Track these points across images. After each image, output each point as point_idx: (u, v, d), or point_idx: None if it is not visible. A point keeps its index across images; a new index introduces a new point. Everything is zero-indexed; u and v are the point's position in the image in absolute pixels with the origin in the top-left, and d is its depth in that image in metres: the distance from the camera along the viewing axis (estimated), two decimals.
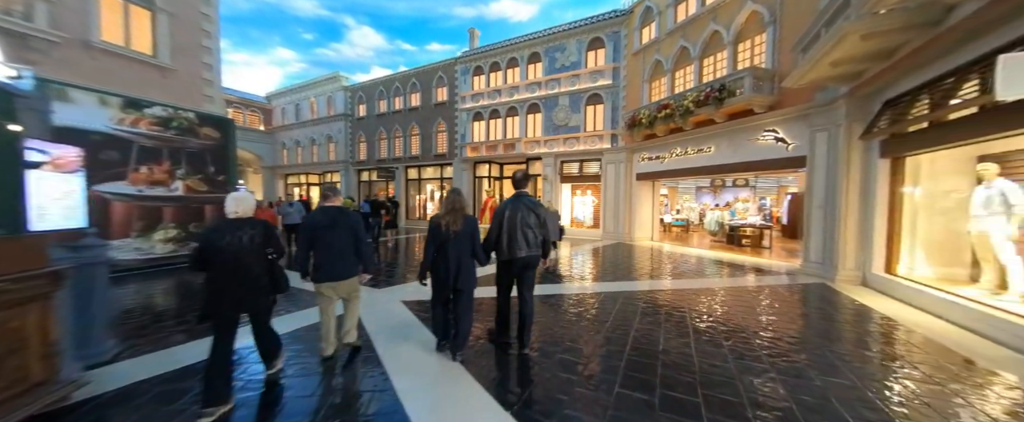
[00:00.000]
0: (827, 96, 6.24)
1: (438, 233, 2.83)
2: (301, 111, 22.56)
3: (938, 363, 3.09)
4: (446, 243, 2.81)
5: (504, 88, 14.59)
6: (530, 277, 3.14)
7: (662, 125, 9.15)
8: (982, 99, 3.71)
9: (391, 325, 3.91)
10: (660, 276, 6.53)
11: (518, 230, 2.98)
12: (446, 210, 2.88)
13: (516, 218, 3.00)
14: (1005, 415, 2.33)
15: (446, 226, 2.81)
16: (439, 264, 2.86)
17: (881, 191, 5.49)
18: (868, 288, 5.55)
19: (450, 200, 2.91)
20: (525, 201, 3.08)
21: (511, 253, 2.99)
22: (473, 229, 2.92)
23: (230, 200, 2.38)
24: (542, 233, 3.09)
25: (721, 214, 11.59)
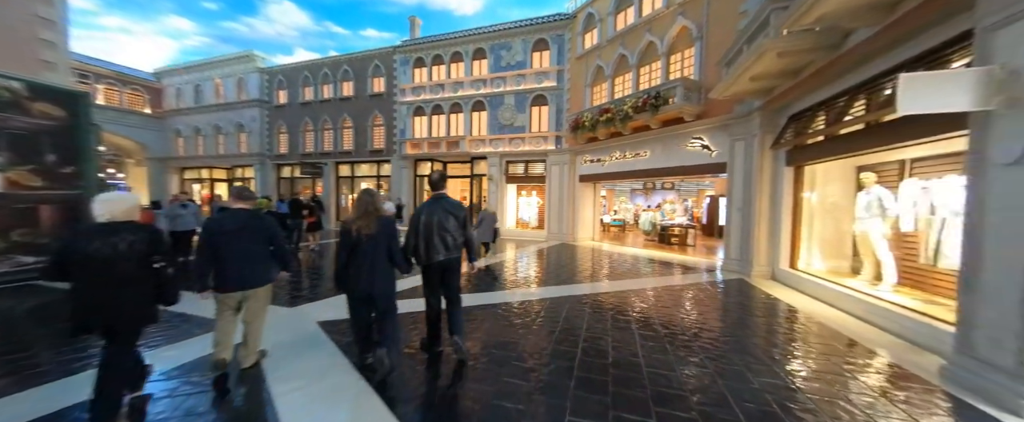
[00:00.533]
0: (744, 109, 6.89)
1: (349, 238, 2.65)
2: (203, 93, 19.09)
3: (829, 344, 3.60)
4: (358, 248, 2.63)
5: (448, 83, 13.91)
6: (452, 280, 3.06)
7: (603, 129, 9.43)
8: (867, 117, 4.28)
9: (297, 349, 3.21)
10: (603, 278, 6.61)
11: (435, 234, 2.90)
12: (358, 213, 2.68)
13: (433, 222, 2.92)
14: (880, 385, 2.81)
15: (358, 230, 2.63)
16: (352, 271, 2.66)
17: (786, 195, 6.19)
18: (776, 282, 6.22)
19: (362, 202, 2.72)
20: (444, 204, 3.00)
21: (428, 257, 2.91)
22: (390, 233, 2.75)
23: (96, 202, 2.12)
24: (464, 235, 3.03)
25: (653, 215, 12.44)
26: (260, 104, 17.57)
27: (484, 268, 7.16)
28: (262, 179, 17.70)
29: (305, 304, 4.65)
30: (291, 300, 4.80)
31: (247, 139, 18.00)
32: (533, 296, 5.22)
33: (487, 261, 7.98)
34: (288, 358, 3.10)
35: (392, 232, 2.78)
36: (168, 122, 20.01)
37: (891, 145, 4.15)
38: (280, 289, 5.30)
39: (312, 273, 6.72)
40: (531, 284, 6.01)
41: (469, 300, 4.78)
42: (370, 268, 2.65)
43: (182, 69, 19.52)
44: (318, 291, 5.31)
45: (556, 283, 6.07)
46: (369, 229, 2.63)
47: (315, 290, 5.40)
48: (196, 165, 19.73)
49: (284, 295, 4.96)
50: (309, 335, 3.63)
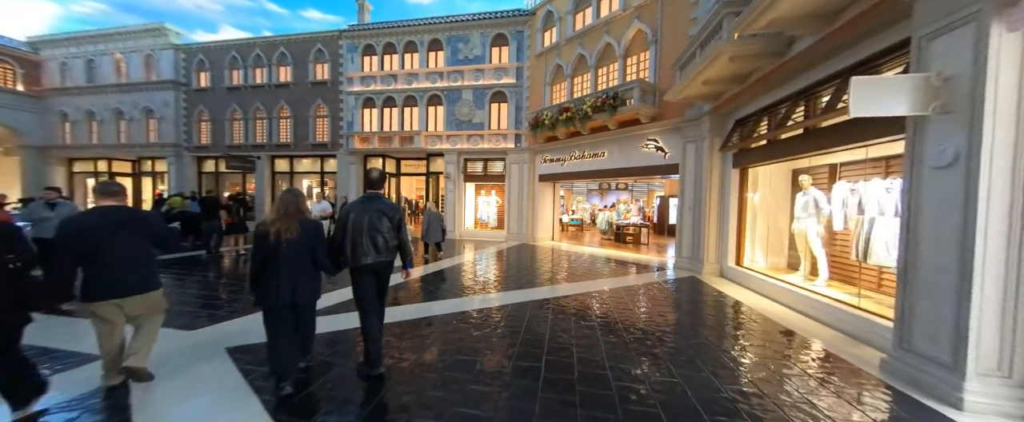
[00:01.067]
0: (695, 112, 7.15)
1: (265, 243, 2.41)
2: (99, 70, 16.02)
3: (769, 334, 3.89)
4: (277, 253, 2.41)
5: (401, 74, 13.02)
6: (383, 286, 2.91)
7: (563, 128, 9.35)
8: (806, 122, 4.53)
9: (189, 383, 2.55)
10: (564, 279, 6.44)
11: (364, 234, 2.71)
12: (277, 214, 2.46)
13: (363, 222, 2.73)
14: (811, 368, 3.09)
15: (277, 234, 2.40)
16: (271, 279, 2.42)
17: (733, 196, 6.49)
18: (725, 279, 6.50)
19: (283, 202, 2.51)
20: (379, 204, 2.83)
21: (355, 259, 2.71)
22: (315, 235, 2.58)
23: None
24: (398, 238, 2.88)
25: (610, 215, 12.72)
26: (175, 86, 15.13)
27: (436, 273, 6.66)
28: (178, 174, 15.29)
29: (218, 324, 3.83)
30: (199, 319, 3.94)
31: (158, 126, 15.42)
32: (492, 302, 4.85)
33: (442, 265, 7.47)
34: (173, 395, 2.42)
35: (317, 235, 2.60)
36: (50, 103, 16.51)
37: (827, 149, 4.41)
38: (186, 306, 4.39)
39: (230, 285, 5.72)
40: (490, 288, 5.63)
41: (425, 309, 4.31)
42: (291, 275, 2.44)
43: (69, 40, 16.20)
44: (236, 307, 4.45)
45: (516, 286, 5.77)
46: (290, 233, 2.42)
47: (232, 305, 4.52)
48: (90, 155, 16.53)
49: (190, 313, 4.07)
50: (211, 365, 2.92)
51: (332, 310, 4.29)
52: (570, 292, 5.48)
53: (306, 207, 2.65)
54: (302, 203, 2.58)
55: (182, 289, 5.22)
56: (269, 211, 2.58)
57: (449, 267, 7.27)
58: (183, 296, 4.84)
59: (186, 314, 4.10)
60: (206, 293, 5.06)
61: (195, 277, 6.03)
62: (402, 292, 5.29)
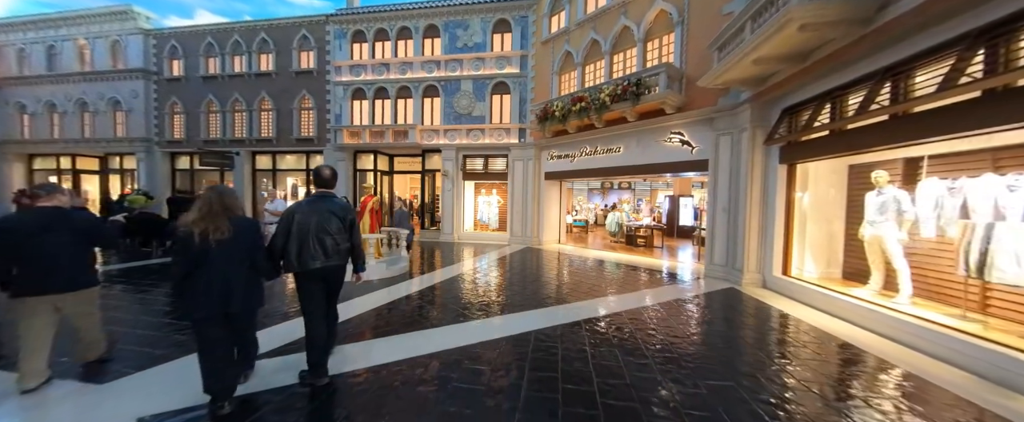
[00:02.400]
0: (730, 101, 6.29)
1: (189, 246, 2.11)
2: (60, 57, 14.63)
3: (881, 375, 3.01)
4: (206, 257, 2.13)
5: (394, 62, 11.97)
6: (333, 291, 2.76)
7: (575, 120, 8.44)
8: (896, 107, 3.69)
9: None
10: (584, 294, 5.52)
11: (311, 236, 2.55)
12: (200, 213, 2.16)
13: (310, 222, 2.56)
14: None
15: (204, 235, 2.11)
16: (199, 286, 2.13)
17: (779, 196, 5.65)
18: (769, 290, 5.66)
19: (205, 199, 2.21)
20: (329, 203, 2.66)
21: (302, 264, 2.53)
22: (250, 234, 2.33)
23: None
24: (350, 241, 2.71)
25: (619, 216, 11.87)
26: (145, 75, 13.84)
27: (431, 288, 5.70)
28: (149, 171, 14.02)
29: (144, 373, 2.81)
30: (121, 363, 2.91)
31: (127, 119, 14.11)
32: (508, 328, 3.90)
33: (437, 276, 6.50)
34: None
35: (253, 235, 2.37)
36: (5, 94, 15.05)
37: (924, 139, 3.57)
38: (117, 338, 3.35)
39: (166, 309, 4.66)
40: (501, 308, 4.68)
41: (420, 342, 3.34)
42: (224, 280, 2.19)
43: (25, 23, 14.75)
44: (184, 337, 3.42)
45: (533, 304, 4.83)
46: (220, 233, 2.17)
47: (181, 336, 3.49)
48: (52, 151, 15.12)
49: (119, 353, 3.03)
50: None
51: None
52: (601, 311, 4.56)
53: (236, 204, 2.32)
54: (230, 200, 2.28)
55: (118, 313, 4.16)
56: (191, 211, 2.22)
57: (448, 278, 6.31)
58: (118, 320, 3.78)
59: (112, 355, 3.06)
60: (149, 320, 4.02)
61: (144, 294, 4.97)
62: (391, 315, 4.32)
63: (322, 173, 2.70)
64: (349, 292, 5.13)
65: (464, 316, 4.28)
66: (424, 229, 12.65)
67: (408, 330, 3.78)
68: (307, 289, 2.61)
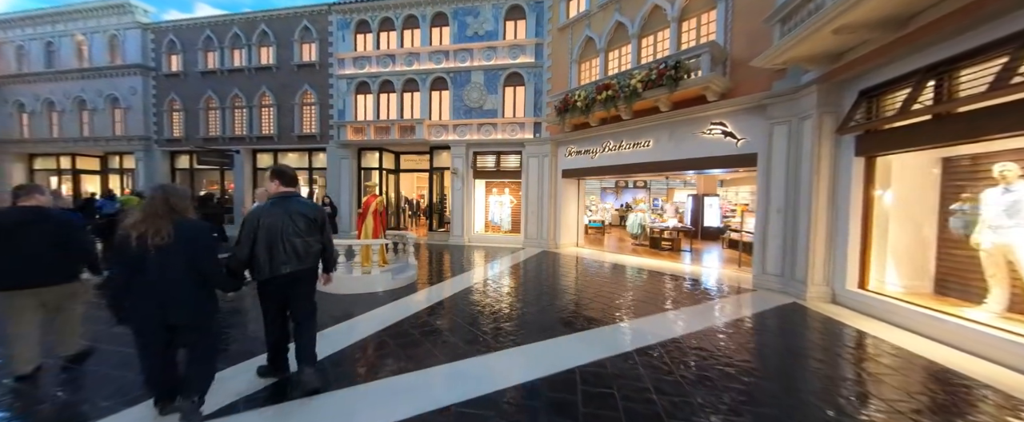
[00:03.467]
0: (788, 84, 5.40)
1: (127, 251, 1.94)
2: (59, 54, 14.22)
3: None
4: (145, 263, 1.94)
5: (400, 53, 11.24)
6: (303, 295, 2.55)
7: (600, 111, 7.58)
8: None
9: None
10: (625, 311, 4.69)
11: (280, 240, 2.39)
12: (142, 215, 1.99)
13: (278, 225, 2.39)
14: None
15: (140, 239, 1.93)
16: (136, 294, 1.98)
17: (855, 194, 4.76)
18: (842, 306, 4.78)
19: (149, 199, 2.05)
20: (295, 203, 2.50)
21: (272, 270, 2.38)
22: (197, 239, 2.08)
23: None
24: (318, 241, 2.57)
25: (642, 216, 10.98)
26: (143, 71, 13.33)
27: (438, 305, 4.93)
28: (148, 170, 13.52)
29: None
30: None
31: (125, 117, 13.63)
32: (542, 361, 3.10)
33: (446, 289, 5.73)
34: None
35: (201, 240, 2.10)
36: (5, 92, 14.70)
37: None
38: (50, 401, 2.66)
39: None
40: (527, 331, 3.88)
41: (427, 385, 2.51)
42: (163, 289, 1.97)
43: (24, 19, 14.37)
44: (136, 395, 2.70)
45: (565, 327, 4.02)
46: (159, 237, 1.94)
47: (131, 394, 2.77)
48: (52, 151, 14.73)
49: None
50: None
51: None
52: (651, 336, 3.74)
53: (184, 206, 2.10)
54: (176, 201, 2.07)
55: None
56: (134, 212, 2.04)
57: (461, 290, 5.53)
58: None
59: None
60: (110, 360, 3.29)
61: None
62: (396, 342, 3.55)
63: (284, 172, 2.57)
64: (350, 309, 4.40)
65: (485, 343, 3.50)
66: (432, 231, 11.92)
67: (416, 365, 3.01)
68: (271, 295, 2.50)
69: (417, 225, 15.13)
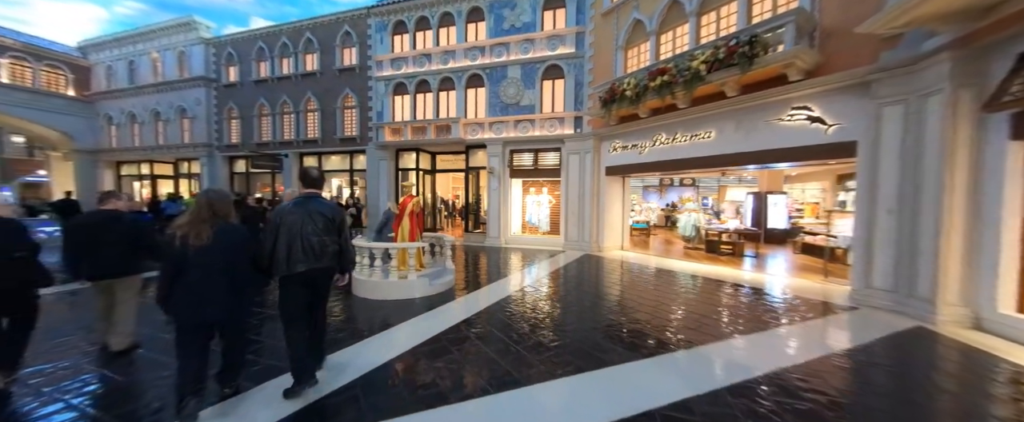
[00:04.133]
0: (903, 54, 4.35)
1: (172, 251, 2.12)
2: (139, 71, 15.83)
3: None
4: (186, 263, 2.11)
5: (436, 52, 11.10)
6: (322, 299, 2.67)
7: (653, 99, 6.79)
8: None
9: None
10: (698, 332, 3.97)
11: (299, 238, 2.46)
12: (187, 219, 2.18)
13: (298, 224, 2.47)
14: None
15: (183, 240, 2.10)
16: (180, 292, 2.12)
17: (1010, 191, 3.67)
18: (987, 333, 3.70)
19: (196, 204, 2.24)
20: (317, 204, 2.58)
21: (290, 267, 2.44)
22: (234, 242, 2.24)
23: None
24: (337, 242, 2.61)
25: (697, 217, 9.92)
26: (206, 83, 14.42)
27: (466, 323, 4.49)
28: (211, 175, 14.60)
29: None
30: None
31: (192, 126, 14.84)
32: (591, 400, 2.54)
33: (482, 299, 5.30)
34: None
35: (238, 241, 2.27)
36: (98, 107, 16.66)
37: None
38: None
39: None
40: (572, 350, 3.33)
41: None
42: (201, 289, 2.12)
43: (112, 42, 16.16)
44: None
45: (622, 349, 3.41)
46: (200, 239, 2.11)
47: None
48: (134, 158, 16.46)
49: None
50: None
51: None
52: (742, 366, 3.04)
53: (226, 210, 2.25)
54: (219, 206, 2.22)
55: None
56: (182, 215, 2.24)
57: (502, 298, 5.08)
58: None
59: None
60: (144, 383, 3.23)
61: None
62: (433, 364, 3.15)
63: (310, 173, 2.69)
64: (388, 317, 4.11)
65: (532, 365, 3.00)
66: (468, 232, 11.67)
67: (457, 392, 2.58)
68: (292, 294, 2.53)
69: (453, 226, 15.02)
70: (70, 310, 4.43)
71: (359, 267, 5.12)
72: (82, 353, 3.21)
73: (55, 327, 3.72)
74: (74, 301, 4.70)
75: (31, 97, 15.27)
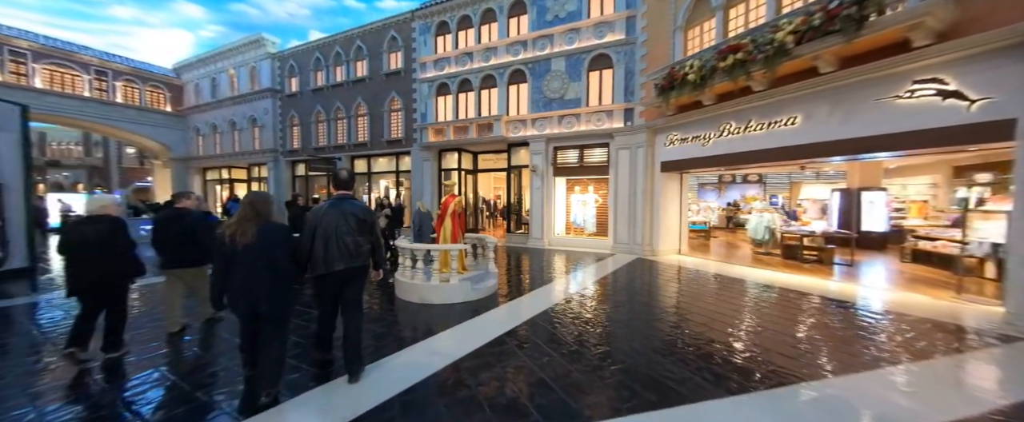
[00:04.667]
0: None
1: (222, 248, 2.31)
2: (219, 87, 17.77)
3: None
4: (234, 259, 2.29)
5: (478, 50, 10.96)
6: (353, 292, 2.73)
7: (723, 81, 5.92)
8: None
9: None
10: (815, 361, 3.22)
11: (334, 239, 2.60)
12: (236, 218, 2.37)
13: (333, 225, 2.61)
14: None
15: (231, 238, 2.29)
16: (231, 286, 2.32)
17: None
18: None
19: (243, 205, 2.41)
20: (349, 205, 2.71)
21: (327, 266, 2.59)
22: (275, 240, 2.39)
23: (86, 202, 3.23)
24: (368, 240, 2.75)
25: (770, 217, 8.65)
26: (272, 94, 15.75)
27: (501, 342, 4.09)
28: (276, 178, 15.92)
29: None
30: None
31: (260, 134, 16.31)
32: None
33: (525, 308, 4.90)
34: None
35: (279, 240, 2.42)
36: (188, 120, 19.03)
37: None
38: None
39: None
40: (618, 380, 2.78)
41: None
42: (246, 283, 2.30)
43: (198, 62, 18.34)
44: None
45: (687, 383, 2.80)
46: (245, 237, 2.29)
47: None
48: (216, 164, 18.53)
49: None
50: None
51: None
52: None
53: (267, 210, 2.42)
54: (261, 206, 2.40)
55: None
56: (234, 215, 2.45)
57: (551, 306, 4.65)
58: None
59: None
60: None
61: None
62: (473, 388, 2.81)
63: (339, 176, 2.84)
64: (430, 323, 3.90)
65: (594, 397, 2.54)
66: (509, 232, 11.39)
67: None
68: (327, 292, 2.72)
69: (494, 226, 14.86)
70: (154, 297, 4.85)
71: (401, 268, 5.01)
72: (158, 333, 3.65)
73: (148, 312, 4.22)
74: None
75: (139, 114, 17.83)
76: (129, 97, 17.76)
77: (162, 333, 3.61)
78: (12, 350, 3.37)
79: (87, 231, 2.89)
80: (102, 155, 24.79)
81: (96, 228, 2.90)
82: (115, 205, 3.21)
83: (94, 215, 3.00)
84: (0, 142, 5.91)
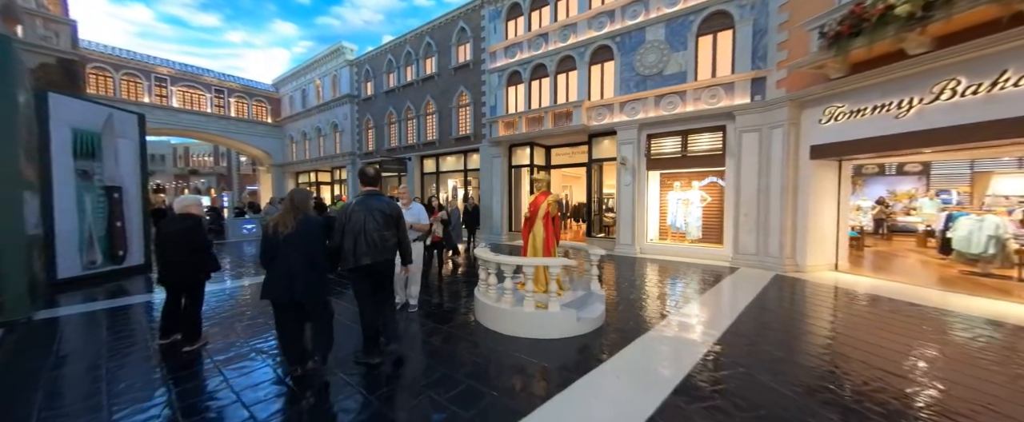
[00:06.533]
0: None
1: (268, 238, 2.56)
2: (307, 97, 19.33)
3: None
4: (277, 249, 2.51)
5: (553, 29, 9.69)
6: (385, 286, 2.95)
7: (966, 11, 3.74)
8: None
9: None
10: None
11: (363, 234, 2.72)
12: (280, 211, 2.60)
13: (361, 221, 2.73)
14: None
15: (274, 229, 2.53)
16: (271, 274, 2.53)
17: None
18: None
19: (287, 198, 2.65)
20: (376, 201, 2.82)
21: (356, 260, 2.73)
22: (312, 232, 2.57)
23: (175, 202, 3.38)
24: (396, 235, 2.87)
25: (997, 223, 5.81)
26: (350, 99, 16.49)
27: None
28: (353, 180, 16.61)
29: None
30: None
31: (340, 138, 17.23)
32: None
33: (664, 353, 3.42)
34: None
35: (315, 232, 2.59)
36: (285, 129, 21.13)
37: None
38: None
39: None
40: None
41: None
42: (287, 271, 2.49)
43: (291, 76, 20.19)
44: None
45: None
46: (286, 228, 2.50)
47: None
48: (306, 169, 20.26)
49: None
50: None
51: None
52: None
53: (305, 205, 2.61)
54: (299, 201, 2.60)
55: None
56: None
57: (695, 361, 3.16)
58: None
59: None
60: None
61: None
62: None
63: (366, 173, 2.94)
64: (523, 372, 2.75)
65: None
66: (590, 237, 9.91)
67: None
68: (360, 285, 2.85)
69: (566, 229, 13.45)
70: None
71: (483, 287, 3.97)
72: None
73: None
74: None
75: (248, 125, 20.28)
76: (240, 111, 20.28)
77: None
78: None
79: (172, 228, 3.15)
80: (226, 164, 29.33)
81: (179, 226, 3.14)
82: (197, 205, 3.35)
83: (180, 214, 3.22)
84: (121, 148, 6.36)
